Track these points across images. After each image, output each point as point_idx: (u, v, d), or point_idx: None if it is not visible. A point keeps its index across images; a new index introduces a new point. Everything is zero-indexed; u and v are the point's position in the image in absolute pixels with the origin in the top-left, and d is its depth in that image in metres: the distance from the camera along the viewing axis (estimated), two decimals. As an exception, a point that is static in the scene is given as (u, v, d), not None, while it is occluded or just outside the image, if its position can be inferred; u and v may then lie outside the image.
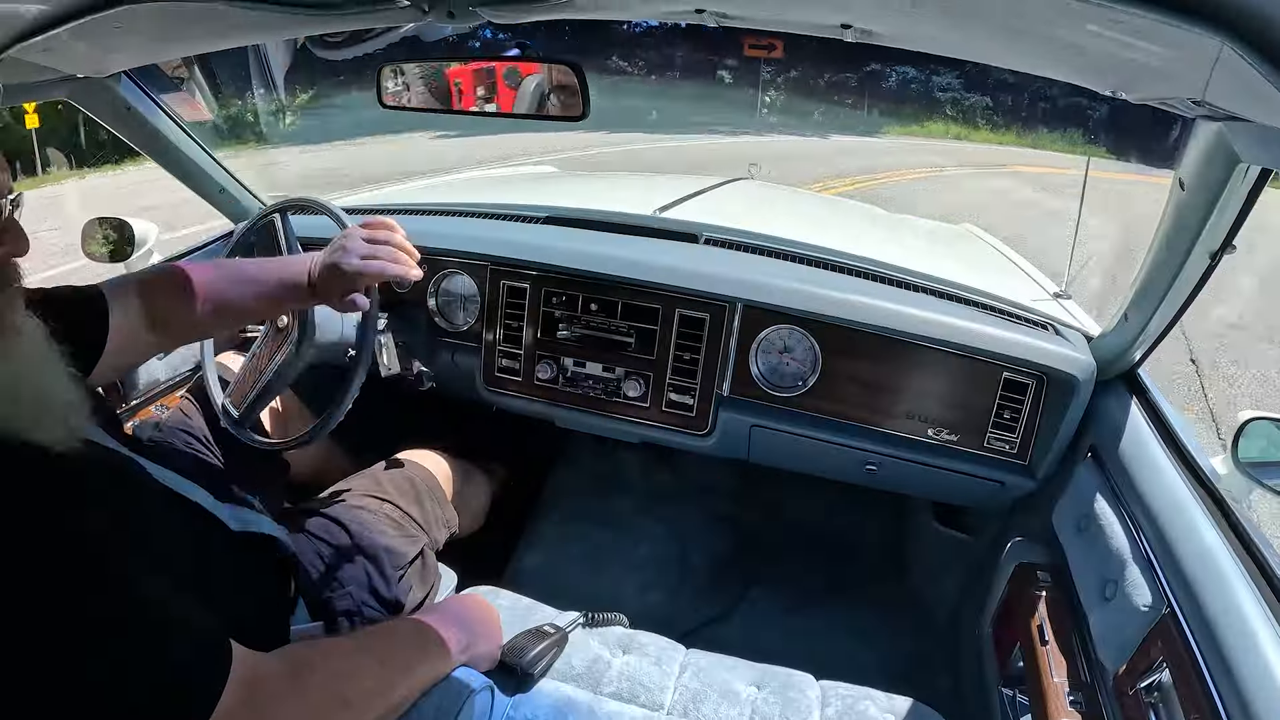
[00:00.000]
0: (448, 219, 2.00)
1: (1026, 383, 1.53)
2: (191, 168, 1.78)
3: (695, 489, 2.35)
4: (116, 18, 1.00)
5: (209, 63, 1.67)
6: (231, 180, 1.88)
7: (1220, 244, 1.10)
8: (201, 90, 1.71)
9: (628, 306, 1.70)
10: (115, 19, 1.00)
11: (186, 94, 1.69)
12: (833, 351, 1.62)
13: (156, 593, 0.74)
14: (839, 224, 2.75)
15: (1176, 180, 1.11)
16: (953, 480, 1.64)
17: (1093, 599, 1.19)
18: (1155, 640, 1.02)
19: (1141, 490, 1.21)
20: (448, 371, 1.85)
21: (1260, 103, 0.76)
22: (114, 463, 0.91)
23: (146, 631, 0.70)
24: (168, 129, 1.66)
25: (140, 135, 1.64)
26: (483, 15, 1.05)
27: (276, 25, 1.13)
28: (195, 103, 1.72)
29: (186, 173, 1.78)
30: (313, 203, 1.56)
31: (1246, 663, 0.86)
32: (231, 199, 1.91)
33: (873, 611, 2.04)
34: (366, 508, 1.38)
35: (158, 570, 0.75)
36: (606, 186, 3.29)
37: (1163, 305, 1.24)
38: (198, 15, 1.02)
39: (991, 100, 21.41)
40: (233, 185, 1.89)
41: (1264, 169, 0.97)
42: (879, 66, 22.66)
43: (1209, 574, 0.99)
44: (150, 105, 1.60)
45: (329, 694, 0.84)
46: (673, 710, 1.26)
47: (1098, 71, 1.01)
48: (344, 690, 0.86)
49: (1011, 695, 1.31)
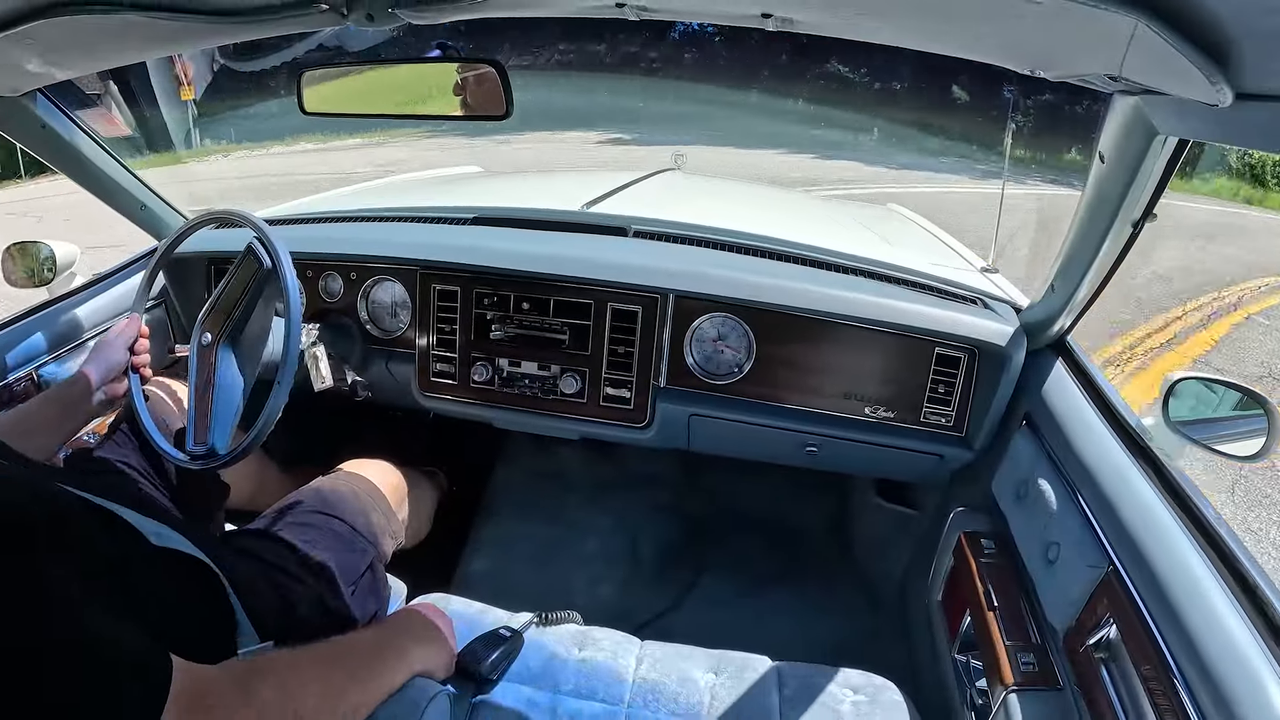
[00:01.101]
0: (374, 225, 1.96)
1: (959, 356, 1.57)
2: (111, 185, 1.70)
3: (638, 481, 2.34)
4: (29, 33, 0.96)
5: (127, 76, 1.60)
6: (153, 196, 1.80)
7: (1141, 213, 1.14)
8: (119, 105, 1.63)
9: (560, 303, 1.68)
10: (28, 34, 0.96)
11: (104, 109, 1.61)
12: (766, 337, 1.63)
13: (85, 614, 0.70)
14: (768, 210, 2.78)
15: (1097, 154, 1.15)
16: (893, 456, 1.66)
17: (1037, 562, 1.23)
18: (1100, 598, 1.05)
19: (1077, 454, 1.24)
20: (383, 380, 1.80)
21: (1175, 76, 0.78)
22: (25, 486, 0.87)
23: (74, 653, 0.67)
24: (86, 147, 1.59)
25: (57, 154, 1.57)
26: (402, 17, 1.03)
27: (193, 35, 1.10)
28: (113, 118, 1.64)
29: (107, 190, 1.71)
30: (234, 215, 1.52)
31: (1190, 611, 0.89)
32: (154, 215, 1.84)
33: (823, 590, 2.07)
34: (312, 524, 1.34)
35: (82, 587, 0.72)
36: (534, 184, 3.26)
37: (1088, 275, 1.28)
38: (113, 29, 0.99)
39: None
40: (154, 201, 1.81)
41: (1180, 139, 1.01)
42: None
43: (1148, 530, 1.03)
44: (67, 123, 1.53)
45: (279, 707, 0.81)
46: (633, 703, 1.25)
47: (1016, 52, 1.04)
48: (295, 703, 0.83)
49: (965, 661, 1.34)
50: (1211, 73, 0.70)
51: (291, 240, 1.46)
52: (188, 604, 1.02)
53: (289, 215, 2.07)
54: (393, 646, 1.05)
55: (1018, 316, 1.58)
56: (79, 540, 0.84)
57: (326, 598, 1.24)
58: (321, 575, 1.25)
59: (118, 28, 0.98)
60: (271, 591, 1.18)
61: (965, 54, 1.18)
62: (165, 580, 0.99)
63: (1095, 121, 1.13)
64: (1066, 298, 1.37)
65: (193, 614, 1.02)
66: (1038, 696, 1.11)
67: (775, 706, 1.25)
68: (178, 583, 1.02)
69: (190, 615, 1.01)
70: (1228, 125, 0.82)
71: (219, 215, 1.54)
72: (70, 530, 0.83)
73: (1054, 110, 13.25)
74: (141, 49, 1.16)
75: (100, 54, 1.20)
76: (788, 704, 1.26)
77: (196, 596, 1.05)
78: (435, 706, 1.04)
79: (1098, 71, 0.94)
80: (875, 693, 1.28)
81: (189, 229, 1.55)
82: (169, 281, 1.90)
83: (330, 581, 1.26)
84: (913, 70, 19.91)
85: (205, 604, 1.06)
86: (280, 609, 1.17)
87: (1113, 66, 0.86)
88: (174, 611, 0.96)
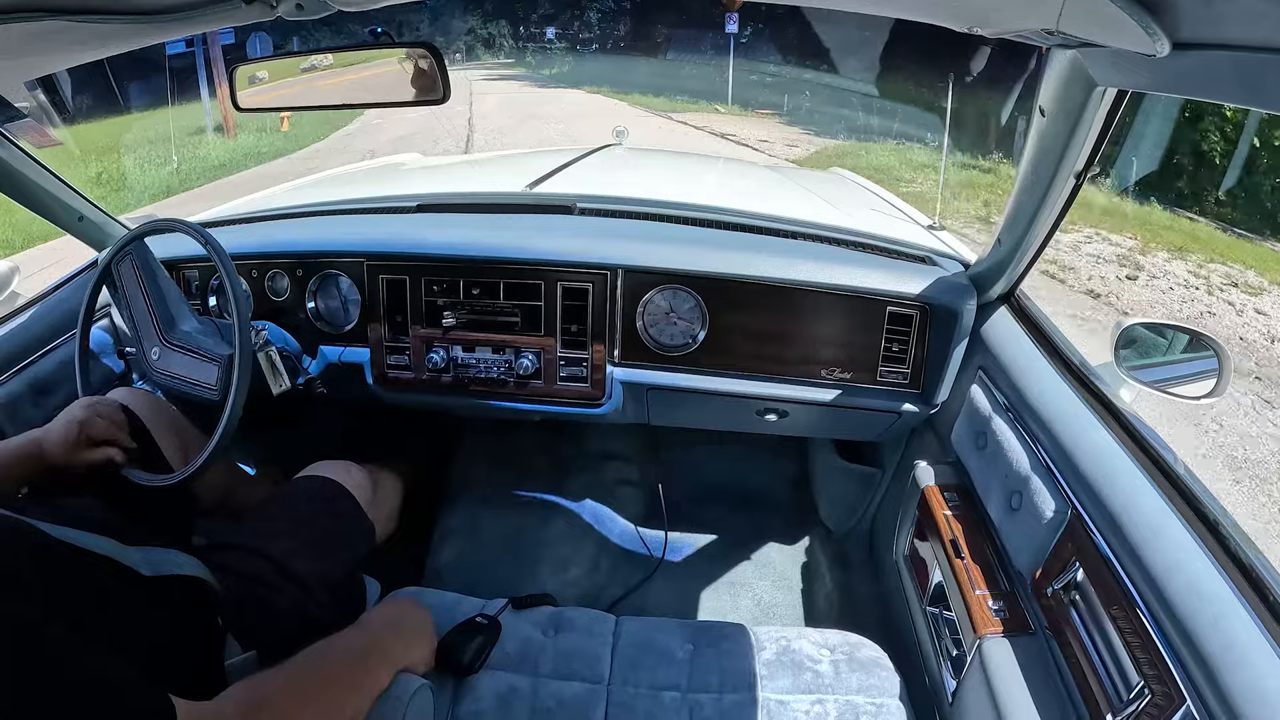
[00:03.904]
0: (317, 220, 1.91)
1: (911, 314, 1.58)
2: (47, 199, 1.63)
3: (600, 458, 2.34)
4: None
5: (56, 85, 1.53)
6: (90, 206, 1.73)
7: (1084, 164, 1.16)
8: (50, 116, 1.57)
9: (510, 286, 1.66)
10: None
11: (34, 122, 1.55)
12: (718, 307, 1.63)
13: (84, 664, 0.68)
14: (712, 180, 2.77)
15: (1037, 108, 1.16)
16: (852, 417, 1.69)
17: (1001, 512, 1.26)
18: (1065, 542, 1.09)
19: (1033, 403, 1.27)
20: (337, 376, 1.77)
21: (1111, 28, 0.79)
22: (4, 533, 0.84)
23: (78, 704, 0.65)
24: (16, 159, 1.52)
25: None
26: (332, 5, 1.00)
27: (120, 37, 1.07)
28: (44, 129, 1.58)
29: (43, 204, 1.63)
30: (175, 224, 1.48)
31: (1154, 550, 0.92)
32: (93, 226, 1.77)
33: (791, 554, 2.10)
34: (289, 532, 1.32)
35: (82, 638, 0.70)
36: (477, 168, 3.21)
37: (1034, 227, 1.30)
38: (33, 35, 0.93)
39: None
40: (92, 212, 1.74)
41: (1119, 90, 1.03)
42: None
43: (1107, 474, 1.06)
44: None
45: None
46: (613, 680, 1.26)
47: (955, 11, 1.04)
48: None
49: (937, 613, 1.37)
50: (1148, 23, 0.71)
51: (233, 242, 1.42)
52: (178, 628, 1.00)
53: (229, 216, 2.01)
54: (376, 648, 1.06)
55: (966, 272, 1.60)
56: (65, 582, 0.82)
57: (302, 603, 1.23)
58: (295, 581, 1.24)
59: (39, 34, 0.93)
60: (253, 605, 1.16)
61: (905, 14, 1.19)
62: (153, 607, 0.97)
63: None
64: (1013, 250, 1.39)
65: (183, 636, 1.01)
66: (1011, 642, 1.15)
67: (755, 671, 1.26)
68: (170, 609, 1.00)
69: (179, 638, 1.00)
70: (1165, 75, 0.84)
71: (159, 225, 1.50)
72: (54, 572, 0.82)
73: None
74: (67, 54, 1.11)
75: (23, 62, 1.14)
76: (767, 668, 1.28)
77: (188, 618, 1.03)
78: (419, 700, 1.04)
79: (1035, 26, 0.95)
80: (852, 650, 1.30)
81: (129, 240, 1.51)
82: (112, 293, 1.84)
83: (304, 587, 1.24)
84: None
85: (195, 624, 1.05)
86: (262, 621, 1.16)
87: (1049, 21, 0.87)
88: (165, 638, 0.95)
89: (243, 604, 1.14)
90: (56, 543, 0.88)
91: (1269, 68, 0.67)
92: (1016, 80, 9.23)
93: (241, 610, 1.13)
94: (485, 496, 2.22)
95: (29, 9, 0.83)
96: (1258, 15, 0.62)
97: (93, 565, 0.92)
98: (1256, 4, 0.61)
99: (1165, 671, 0.85)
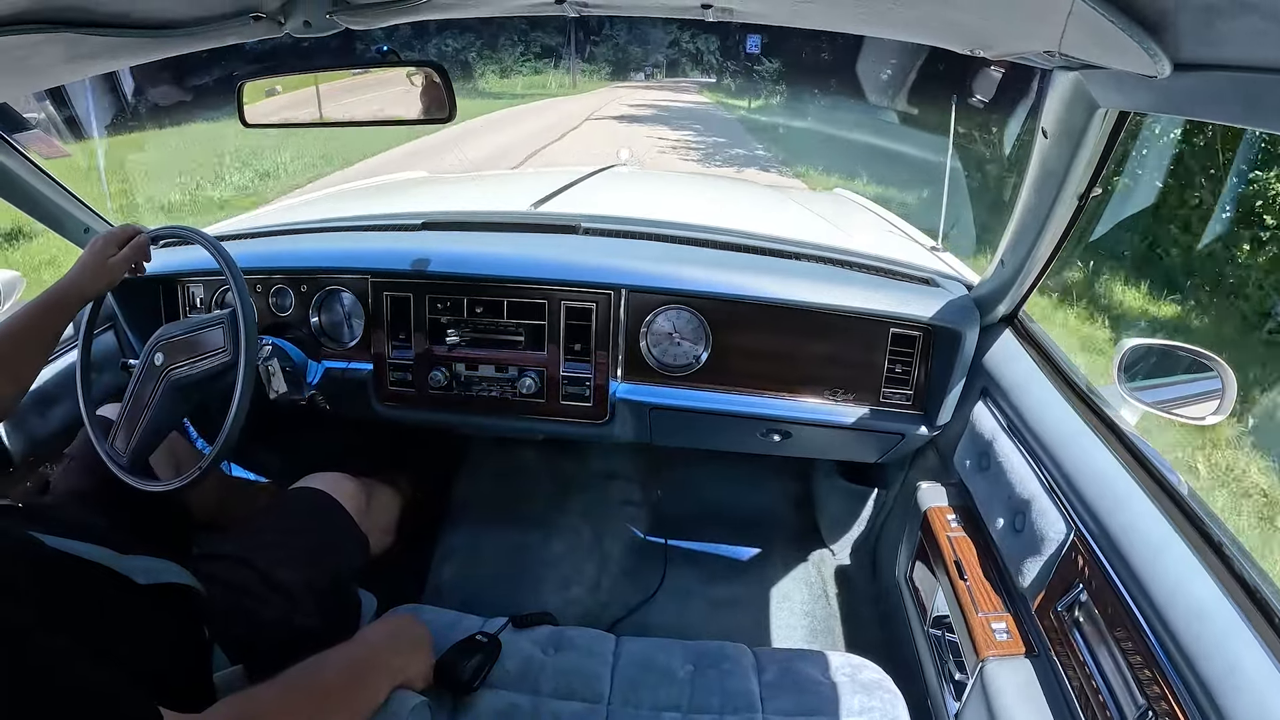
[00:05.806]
0: (323, 235, 1.92)
1: (914, 336, 1.59)
2: (55, 210, 1.64)
3: (602, 478, 2.33)
4: None
5: (66, 98, 1.55)
6: (97, 218, 1.74)
7: (1086, 187, 1.16)
8: (59, 129, 1.59)
9: (514, 304, 1.67)
10: None
11: (42, 133, 1.56)
12: (721, 327, 1.63)
13: (74, 672, 0.68)
14: (717, 202, 2.78)
15: (1040, 130, 1.17)
16: (854, 439, 1.68)
17: (1003, 533, 1.25)
18: (1068, 563, 1.08)
19: (1036, 424, 1.27)
20: (340, 391, 1.77)
21: (1113, 50, 0.80)
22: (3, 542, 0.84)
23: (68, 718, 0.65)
24: (23, 169, 1.53)
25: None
26: (341, 23, 1.01)
27: (129, 51, 1.08)
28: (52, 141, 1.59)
29: (51, 216, 1.65)
30: (185, 233, 1.48)
31: (1157, 571, 0.92)
32: None
33: (792, 574, 2.08)
34: (276, 543, 1.31)
35: (73, 646, 0.70)
36: (482, 186, 3.23)
37: (1036, 249, 1.31)
38: (45, 48, 0.94)
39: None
40: (99, 224, 1.74)
41: (1121, 112, 1.03)
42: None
43: (1111, 494, 1.05)
44: (4, 145, 1.47)
45: None
46: (614, 700, 1.25)
47: (956, 33, 1.05)
48: None
49: (939, 635, 1.36)
50: (1149, 44, 0.72)
51: (237, 256, 1.42)
52: (170, 638, 1.00)
53: (235, 231, 2.02)
54: (372, 663, 1.04)
55: (969, 293, 1.60)
56: (61, 590, 0.82)
57: (294, 616, 1.22)
58: (288, 594, 1.23)
59: (50, 47, 0.94)
60: (240, 615, 1.15)
61: (907, 36, 1.20)
62: (148, 616, 0.97)
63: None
64: (1015, 272, 1.39)
65: (174, 646, 1.00)
66: (1014, 664, 1.14)
67: (756, 692, 1.25)
68: (163, 618, 1.00)
69: (171, 648, 0.99)
70: (1167, 96, 0.84)
71: (169, 233, 1.50)
72: (50, 580, 0.81)
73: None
74: (77, 67, 1.12)
75: (32, 74, 1.15)
76: (768, 689, 1.26)
77: (179, 627, 1.03)
78: (416, 717, 1.03)
79: (1037, 49, 0.96)
80: (854, 672, 1.29)
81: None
82: (117, 303, 1.84)
83: (297, 599, 1.23)
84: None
85: (187, 635, 1.04)
86: (248, 632, 1.15)
87: (1051, 43, 0.88)
88: (157, 647, 0.95)
89: (229, 614, 1.14)
90: (53, 552, 0.88)
91: (1270, 88, 0.67)
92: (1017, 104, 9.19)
93: (228, 621, 1.12)
94: (487, 514, 2.21)
95: (38, 20, 0.84)
96: (1258, 35, 0.63)
97: (89, 574, 0.92)
98: (1257, 24, 0.61)
99: (1168, 694, 0.84)
